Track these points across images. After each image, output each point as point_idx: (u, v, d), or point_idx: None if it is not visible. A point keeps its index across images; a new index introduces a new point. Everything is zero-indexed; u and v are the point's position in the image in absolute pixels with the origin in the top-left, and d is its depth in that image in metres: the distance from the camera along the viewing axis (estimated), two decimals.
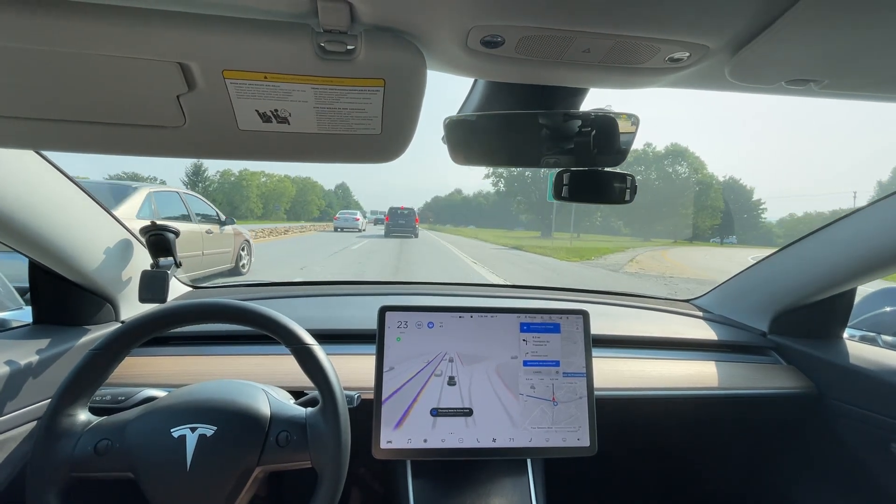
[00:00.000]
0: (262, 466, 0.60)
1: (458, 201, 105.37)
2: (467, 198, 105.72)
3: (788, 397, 1.02)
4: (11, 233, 0.71)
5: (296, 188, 65.16)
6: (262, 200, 53.87)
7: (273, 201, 55.68)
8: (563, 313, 0.83)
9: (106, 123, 0.49)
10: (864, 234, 0.90)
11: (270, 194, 55.88)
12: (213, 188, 48.55)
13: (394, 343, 0.78)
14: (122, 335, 0.60)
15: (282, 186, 57.27)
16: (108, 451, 0.57)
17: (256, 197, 51.66)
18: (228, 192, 49.85)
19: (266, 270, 7.14)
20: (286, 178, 59.80)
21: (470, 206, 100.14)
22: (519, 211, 55.75)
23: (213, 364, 0.90)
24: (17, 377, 0.71)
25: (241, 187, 50.81)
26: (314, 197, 74.28)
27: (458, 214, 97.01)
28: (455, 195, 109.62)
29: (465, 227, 76.78)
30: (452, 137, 0.67)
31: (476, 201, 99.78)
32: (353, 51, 0.41)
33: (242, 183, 50.83)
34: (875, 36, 0.39)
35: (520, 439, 0.77)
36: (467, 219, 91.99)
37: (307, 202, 71.24)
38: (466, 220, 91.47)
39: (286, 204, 57.93)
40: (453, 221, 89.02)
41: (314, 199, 74.14)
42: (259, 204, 51.87)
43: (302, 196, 69.77)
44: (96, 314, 0.91)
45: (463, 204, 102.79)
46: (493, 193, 78.85)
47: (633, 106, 1.91)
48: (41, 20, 0.37)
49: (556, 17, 0.39)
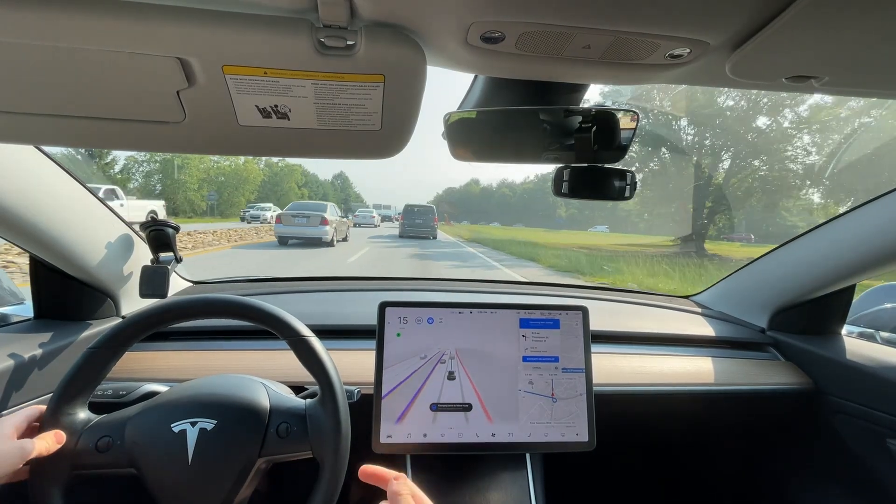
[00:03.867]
0: (264, 458, 0.61)
1: (475, 194, 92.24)
2: (488, 189, 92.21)
3: (787, 393, 1.02)
4: (12, 228, 0.71)
5: (268, 172, 49.28)
6: (215, 188, 36.34)
7: (228, 189, 37.31)
8: (562, 309, 0.83)
9: (106, 119, 0.49)
10: (863, 231, 0.90)
11: (228, 181, 37.79)
12: (142, 169, 32.88)
13: (394, 338, 0.78)
14: (118, 333, 0.60)
15: (242, 169, 38.07)
16: (109, 448, 0.58)
17: (199, 183, 34.02)
18: (162, 172, 32.94)
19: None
20: (251, 160, 37.35)
21: (491, 198, 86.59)
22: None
23: (214, 359, 0.91)
24: (19, 372, 0.72)
25: (173, 167, 32.10)
26: (293, 185, 56.99)
27: (478, 209, 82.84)
28: (472, 186, 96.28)
29: (487, 224, 62.20)
30: (453, 133, 0.67)
31: (499, 193, 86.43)
32: (353, 46, 0.41)
33: (176, 160, 31.35)
34: (876, 33, 0.39)
35: (519, 434, 0.77)
36: (489, 214, 77.78)
37: (283, 192, 53.90)
38: (488, 215, 77.06)
39: (250, 194, 40.13)
40: (470, 217, 73.60)
41: (293, 187, 56.77)
42: (200, 195, 33.88)
43: (275, 183, 53.92)
44: (97, 309, 0.91)
45: (483, 197, 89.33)
46: (522, 183, 64.73)
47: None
48: (41, 15, 0.37)
49: (557, 14, 0.39)
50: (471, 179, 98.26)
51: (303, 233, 11.14)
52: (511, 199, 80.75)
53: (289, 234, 11.33)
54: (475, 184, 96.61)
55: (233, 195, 38.32)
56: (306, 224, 11.15)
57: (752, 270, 1.21)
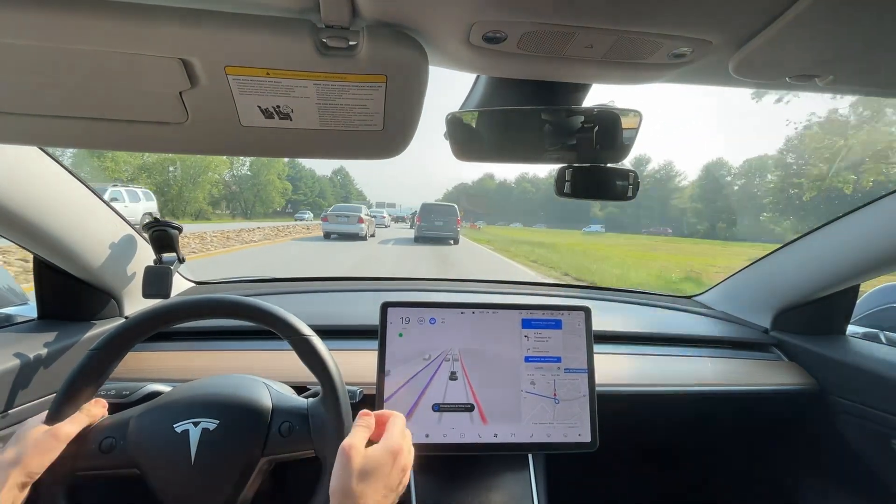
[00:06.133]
0: (266, 458, 0.61)
1: (491, 190, 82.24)
2: (505, 185, 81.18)
3: (790, 394, 1.02)
4: (16, 229, 0.71)
5: (231, 161, 37.27)
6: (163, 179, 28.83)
7: (178, 185, 28.13)
8: (564, 309, 0.83)
9: (108, 120, 0.49)
10: (867, 231, 0.90)
11: (186, 174, 28.91)
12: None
13: (396, 339, 0.78)
14: (120, 334, 0.60)
15: (201, 158, 24.94)
16: (112, 449, 0.58)
17: (138, 171, 26.47)
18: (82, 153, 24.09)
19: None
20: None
21: (509, 195, 77.06)
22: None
23: (217, 359, 0.91)
24: (23, 371, 0.72)
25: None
26: (272, 177, 45.87)
27: (495, 208, 74.55)
28: (487, 182, 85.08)
29: (507, 224, 54.19)
30: (455, 133, 0.67)
31: (520, 188, 76.06)
32: (355, 46, 0.41)
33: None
34: (881, 30, 0.39)
35: (521, 435, 0.77)
36: (507, 213, 69.81)
37: (262, 184, 44.93)
38: (507, 214, 69.08)
39: (211, 187, 30.84)
40: (487, 218, 64.93)
41: (272, 179, 45.90)
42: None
43: (253, 174, 43.72)
44: (101, 309, 0.92)
45: (500, 193, 79.75)
46: (547, 177, 54.11)
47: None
48: (44, 17, 0.37)
49: (559, 13, 0.39)
50: (484, 175, 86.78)
51: (345, 229, 14.39)
52: (534, 196, 71.65)
53: (333, 230, 14.61)
54: (490, 179, 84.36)
55: (185, 189, 28.29)
56: (347, 222, 14.39)
57: (756, 270, 1.21)
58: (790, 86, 0.49)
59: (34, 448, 0.52)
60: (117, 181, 18.99)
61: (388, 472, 0.51)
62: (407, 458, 0.55)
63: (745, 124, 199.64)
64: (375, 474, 0.50)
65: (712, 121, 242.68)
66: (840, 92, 0.51)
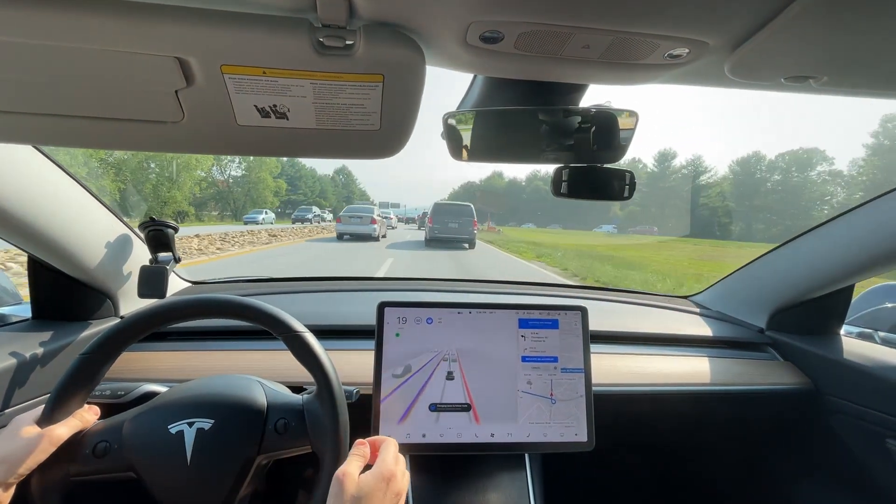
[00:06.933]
0: (263, 455, 0.60)
1: (500, 188, 75.64)
2: (515, 183, 74.00)
3: (785, 393, 1.02)
4: (11, 228, 0.71)
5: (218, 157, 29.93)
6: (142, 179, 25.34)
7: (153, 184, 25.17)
8: (561, 309, 0.83)
9: (104, 118, 0.48)
10: (862, 231, 0.90)
11: (162, 172, 25.95)
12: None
13: (392, 339, 0.78)
14: (112, 336, 0.59)
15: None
16: (106, 453, 0.57)
17: (106, 167, 22.28)
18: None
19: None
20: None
21: (521, 194, 71.14)
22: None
23: (213, 359, 0.91)
24: (18, 372, 0.71)
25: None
26: (264, 174, 41.29)
27: (504, 207, 69.86)
28: (495, 180, 78.57)
29: (519, 225, 49.76)
30: (452, 134, 0.67)
31: (532, 186, 70.06)
32: (352, 46, 0.41)
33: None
34: (875, 33, 0.39)
35: (517, 434, 0.77)
36: (519, 213, 65.15)
37: (253, 182, 40.59)
38: (519, 214, 64.36)
39: (194, 185, 27.76)
40: (496, 218, 60.33)
41: (266, 177, 41.49)
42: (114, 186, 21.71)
43: (239, 176, 39.62)
44: (96, 309, 0.91)
45: (511, 192, 73.38)
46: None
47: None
48: (39, 15, 0.36)
49: (556, 13, 0.39)
50: (493, 173, 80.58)
51: (358, 230, 14.58)
52: (547, 195, 66.35)
53: (346, 231, 14.75)
54: (499, 178, 78.16)
55: (161, 188, 25.38)
56: (360, 223, 14.58)
57: (751, 270, 1.21)
58: (785, 87, 0.50)
59: (24, 448, 0.51)
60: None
61: (382, 497, 0.51)
62: (400, 484, 0.55)
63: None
64: (368, 500, 0.50)
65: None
66: (834, 93, 0.52)
